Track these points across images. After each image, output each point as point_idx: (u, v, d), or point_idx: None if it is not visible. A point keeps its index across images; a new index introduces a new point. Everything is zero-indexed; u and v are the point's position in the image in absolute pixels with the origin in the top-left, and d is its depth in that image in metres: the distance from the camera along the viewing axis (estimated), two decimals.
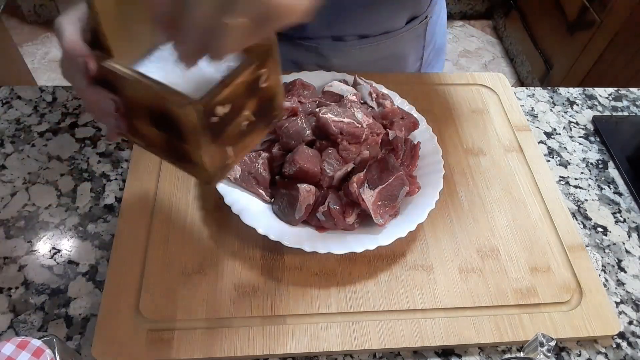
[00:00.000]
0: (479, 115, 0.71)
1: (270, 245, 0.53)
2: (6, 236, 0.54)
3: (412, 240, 0.56)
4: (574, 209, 0.63)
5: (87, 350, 0.47)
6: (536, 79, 2.09)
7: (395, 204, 0.54)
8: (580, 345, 0.52)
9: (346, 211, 0.52)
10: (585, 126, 0.74)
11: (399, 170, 0.53)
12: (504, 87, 0.75)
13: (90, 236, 0.55)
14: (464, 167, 0.64)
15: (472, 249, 0.56)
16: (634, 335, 0.53)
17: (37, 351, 0.35)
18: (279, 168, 0.56)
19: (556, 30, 1.95)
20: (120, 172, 0.61)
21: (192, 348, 0.47)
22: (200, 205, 0.57)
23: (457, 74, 0.77)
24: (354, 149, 0.54)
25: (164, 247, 0.53)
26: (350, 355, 0.49)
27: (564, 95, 0.78)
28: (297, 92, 0.61)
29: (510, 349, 0.51)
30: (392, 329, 0.50)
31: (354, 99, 0.59)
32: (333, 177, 0.54)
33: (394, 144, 0.58)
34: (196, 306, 0.49)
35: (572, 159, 0.69)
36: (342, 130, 0.54)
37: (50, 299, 0.50)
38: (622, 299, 0.56)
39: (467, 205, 0.60)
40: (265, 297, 0.51)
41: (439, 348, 0.50)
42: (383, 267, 0.54)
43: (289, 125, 0.55)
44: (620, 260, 0.59)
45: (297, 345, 0.48)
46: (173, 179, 0.59)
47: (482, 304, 0.52)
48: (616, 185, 0.67)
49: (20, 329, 0.48)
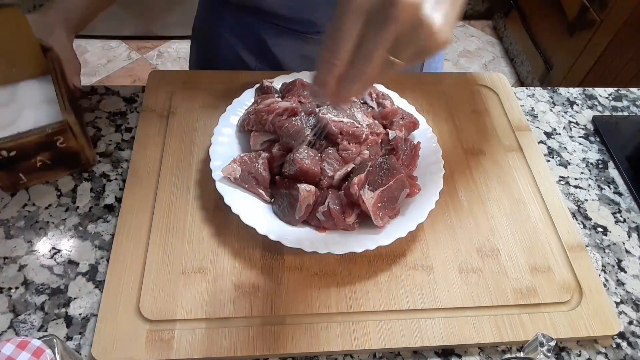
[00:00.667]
0: (479, 115, 0.71)
1: (270, 245, 0.53)
2: (6, 236, 0.54)
3: (412, 240, 0.56)
4: (574, 209, 0.63)
5: (87, 350, 0.47)
6: (536, 79, 2.09)
7: (396, 206, 0.54)
8: (580, 345, 0.52)
9: (346, 211, 0.52)
10: (585, 126, 0.74)
11: (400, 172, 0.53)
12: (504, 87, 0.75)
13: (90, 236, 0.55)
14: (464, 167, 0.64)
15: (472, 249, 0.56)
16: (634, 335, 0.53)
17: (37, 351, 0.35)
18: (279, 168, 0.56)
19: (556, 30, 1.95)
20: (120, 172, 0.61)
21: (192, 348, 0.47)
22: (200, 205, 0.57)
23: (457, 74, 0.77)
24: (354, 149, 0.54)
25: (164, 247, 0.53)
26: (350, 355, 0.49)
27: (564, 95, 0.78)
28: (297, 92, 0.61)
29: (510, 349, 0.51)
30: (392, 329, 0.50)
31: (354, 99, 0.59)
32: (333, 177, 0.54)
33: (394, 144, 0.58)
34: (196, 306, 0.49)
35: (572, 159, 0.69)
36: (342, 130, 0.54)
37: (50, 299, 0.50)
38: (622, 299, 0.56)
39: (467, 205, 0.60)
40: (265, 297, 0.51)
41: (439, 348, 0.50)
42: (383, 267, 0.54)
43: (289, 125, 0.55)
44: (620, 260, 0.59)
45: (297, 345, 0.48)
46: (173, 179, 0.59)
47: (482, 304, 0.52)
48: (616, 185, 0.67)
49: (20, 329, 0.48)
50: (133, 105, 0.68)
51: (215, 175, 0.55)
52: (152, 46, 2.22)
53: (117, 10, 2.07)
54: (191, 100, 0.67)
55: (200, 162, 0.61)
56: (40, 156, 0.54)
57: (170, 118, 0.65)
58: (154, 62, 2.16)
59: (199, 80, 0.70)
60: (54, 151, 0.55)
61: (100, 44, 2.19)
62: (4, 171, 0.54)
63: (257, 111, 0.57)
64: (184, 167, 0.60)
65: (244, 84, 0.66)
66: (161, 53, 2.20)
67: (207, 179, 0.57)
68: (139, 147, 0.61)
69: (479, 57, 2.35)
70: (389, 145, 0.58)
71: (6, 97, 0.56)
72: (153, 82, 0.69)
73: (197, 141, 0.63)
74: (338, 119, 0.54)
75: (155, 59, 2.17)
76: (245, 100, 0.63)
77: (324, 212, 0.52)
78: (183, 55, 2.20)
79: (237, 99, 0.63)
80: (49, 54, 0.58)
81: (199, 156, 0.61)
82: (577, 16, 1.82)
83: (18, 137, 0.51)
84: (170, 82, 0.69)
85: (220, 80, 0.70)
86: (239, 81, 0.69)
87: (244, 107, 0.62)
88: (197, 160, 0.61)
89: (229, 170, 0.54)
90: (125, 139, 0.64)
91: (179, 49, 2.22)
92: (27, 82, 0.58)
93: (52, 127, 0.53)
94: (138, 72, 2.10)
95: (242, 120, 0.60)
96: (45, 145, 0.54)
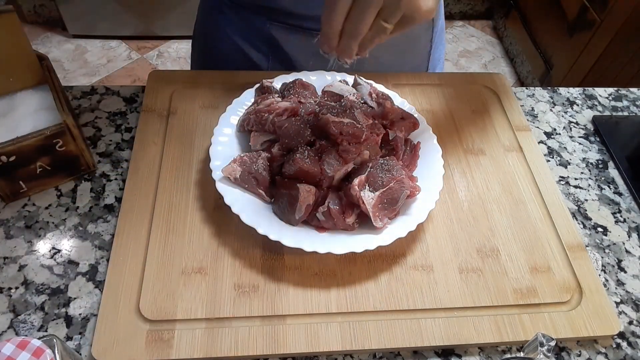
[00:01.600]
0: (479, 115, 0.71)
1: (270, 245, 0.53)
2: (6, 236, 0.54)
3: (412, 240, 0.56)
4: (574, 209, 0.63)
5: (87, 350, 0.47)
6: (536, 79, 2.09)
7: (395, 207, 0.54)
8: (580, 345, 0.52)
9: (346, 211, 0.52)
10: (585, 126, 0.74)
11: (400, 174, 0.53)
12: (504, 87, 0.75)
13: (90, 236, 0.55)
14: (464, 167, 0.64)
15: (472, 249, 0.56)
16: (634, 335, 0.53)
17: (37, 351, 0.35)
18: (279, 168, 0.56)
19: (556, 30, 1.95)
20: (120, 172, 0.61)
21: (192, 348, 0.47)
22: (200, 205, 0.57)
23: (457, 74, 0.77)
24: (354, 149, 0.54)
25: (164, 247, 0.53)
26: (350, 355, 0.49)
27: (564, 95, 0.78)
28: (297, 92, 0.61)
29: (510, 349, 0.51)
30: (392, 329, 0.50)
31: (354, 99, 0.59)
32: (333, 177, 0.54)
33: (394, 144, 0.58)
34: (196, 306, 0.49)
35: (572, 159, 0.69)
36: (342, 131, 0.54)
37: (50, 299, 0.50)
38: (622, 299, 0.56)
39: (467, 205, 0.60)
40: (265, 297, 0.51)
41: (439, 348, 0.50)
42: (383, 267, 0.54)
43: (289, 126, 0.55)
44: (620, 260, 0.59)
45: (297, 345, 0.48)
46: (173, 179, 0.59)
47: (482, 304, 0.52)
48: (616, 185, 0.67)
49: (20, 329, 0.48)
50: (133, 105, 0.68)
51: (215, 175, 0.55)
52: (152, 46, 2.22)
53: (117, 10, 2.07)
54: (191, 100, 0.67)
55: (200, 162, 0.61)
56: (40, 161, 0.54)
57: (170, 118, 0.65)
58: (154, 62, 2.16)
59: (199, 80, 0.70)
60: (53, 155, 0.55)
61: (100, 44, 2.19)
62: (4, 178, 0.53)
63: (257, 111, 0.57)
64: (184, 167, 0.60)
65: (244, 84, 0.66)
66: (161, 53, 2.20)
67: (207, 179, 0.57)
68: (139, 147, 0.61)
69: (479, 57, 2.35)
70: (389, 145, 0.58)
71: (4, 108, 0.56)
72: (153, 82, 0.69)
73: (197, 141, 0.63)
74: (338, 119, 0.54)
75: (155, 59, 2.17)
76: (245, 100, 0.63)
77: (324, 212, 0.52)
78: (183, 55, 2.20)
79: (237, 99, 0.63)
80: (44, 63, 0.58)
81: (199, 156, 0.61)
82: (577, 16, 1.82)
83: (17, 141, 0.51)
84: (170, 82, 0.69)
85: (220, 80, 0.70)
86: (239, 81, 0.69)
87: (244, 107, 0.62)
88: (197, 160, 0.61)
89: (229, 170, 0.54)
90: (125, 139, 0.64)
91: (179, 49, 2.22)
92: (24, 92, 0.58)
93: (51, 129, 0.53)
94: (138, 72, 2.10)
95: (242, 120, 0.60)
96: (44, 149, 0.54)
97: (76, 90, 0.69)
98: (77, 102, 0.68)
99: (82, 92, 0.69)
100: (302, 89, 0.62)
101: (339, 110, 0.56)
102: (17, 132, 0.52)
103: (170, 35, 2.22)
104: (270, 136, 0.58)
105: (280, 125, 0.56)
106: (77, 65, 2.09)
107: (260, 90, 0.63)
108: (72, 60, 2.11)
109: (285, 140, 0.55)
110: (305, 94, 0.61)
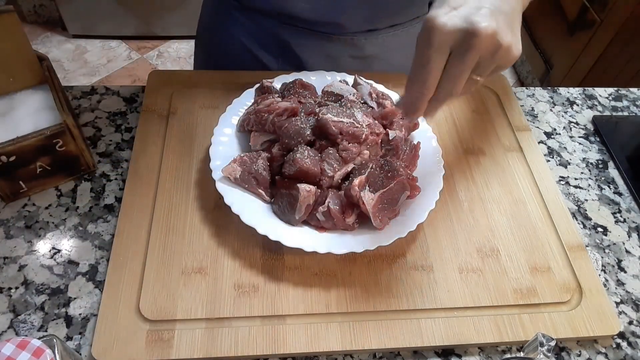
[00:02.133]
0: (479, 115, 0.71)
1: (270, 245, 0.53)
2: (6, 236, 0.54)
3: (412, 240, 0.56)
4: (574, 209, 0.63)
5: (87, 350, 0.47)
6: (536, 79, 2.09)
7: (395, 208, 0.54)
8: (580, 345, 0.52)
9: (346, 211, 0.52)
10: (585, 126, 0.74)
11: (401, 175, 0.53)
12: (504, 87, 0.75)
13: (90, 236, 0.55)
14: (464, 167, 0.64)
15: (472, 249, 0.56)
16: (634, 335, 0.53)
17: (37, 351, 0.35)
18: (279, 168, 0.56)
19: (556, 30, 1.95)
20: (120, 172, 0.61)
21: (192, 348, 0.47)
22: (200, 205, 0.57)
23: None
24: (354, 149, 0.54)
25: (164, 247, 0.53)
26: (350, 355, 0.49)
27: (564, 95, 0.78)
28: (297, 92, 0.61)
29: (510, 349, 0.51)
30: (392, 329, 0.50)
31: (354, 99, 0.59)
32: (333, 177, 0.54)
33: (394, 144, 0.58)
34: (196, 306, 0.49)
35: (572, 159, 0.69)
36: (342, 130, 0.54)
37: (50, 299, 0.50)
38: (622, 299, 0.56)
39: (467, 205, 0.60)
40: (265, 297, 0.51)
41: (439, 348, 0.50)
42: (383, 267, 0.54)
43: (289, 126, 0.55)
44: (620, 260, 0.59)
45: (297, 345, 0.48)
46: (173, 179, 0.59)
47: (482, 304, 0.52)
48: (616, 185, 0.67)
49: (20, 329, 0.48)
50: (133, 105, 0.68)
51: (215, 175, 0.55)
52: (152, 46, 2.22)
53: (117, 10, 2.07)
54: (191, 100, 0.67)
55: (200, 162, 0.61)
56: (40, 161, 0.54)
57: (170, 118, 0.65)
58: (154, 62, 2.16)
59: (199, 80, 0.70)
60: (53, 155, 0.55)
61: (100, 44, 2.19)
62: (4, 179, 0.53)
63: (257, 111, 0.57)
64: (184, 167, 0.60)
65: (244, 84, 0.66)
66: (161, 53, 2.20)
67: (207, 179, 0.57)
68: (139, 147, 0.61)
69: None
70: (389, 145, 0.58)
71: (4, 108, 0.56)
72: (153, 82, 0.69)
73: (197, 141, 0.63)
74: (338, 119, 0.54)
75: (155, 59, 2.17)
76: (245, 100, 0.63)
77: (324, 212, 0.52)
78: (183, 55, 2.20)
79: (237, 99, 0.63)
80: (44, 63, 0.58)
81: (199, 156, 0.61)
82: (577, 16, 1.82)
83: (17, 141, 0.51)
84: (170, 82, 0.69)
85: (220, 80, 0.70)
86: (239, 81, 0.69)
87: (244, 107, 0.62)
88: (197, 160, 0.61)
89: (229, 170, 0.54)
90: (125, 139, 0.64)
91: (179, 49, 2.22)
92: (24, 92, 0.58)
93: (51, 129, 0.53)
94: (138, 72, 2.10)
95: (242, 120, 0.60)
96: (44, 149, 0.54)
97: (76, 90, 0.69)
98: (77, 102, 0.68)
99: (82, 92, 0.69)
100: (302, 89, 0.62)
101: (339, 110, 0.56)
102: (17, 132, 0.52)
103: (170, 35, 2.22)
104: (270, 136, 0.58)
105: (280, 125, 0.56)
106: (77, 65, 2.09)
107: (260, 90, 0.63)
108: (72, 60, 2.11)
109: (285, 140, 0.55)
110: (305, 94, 0.61)
